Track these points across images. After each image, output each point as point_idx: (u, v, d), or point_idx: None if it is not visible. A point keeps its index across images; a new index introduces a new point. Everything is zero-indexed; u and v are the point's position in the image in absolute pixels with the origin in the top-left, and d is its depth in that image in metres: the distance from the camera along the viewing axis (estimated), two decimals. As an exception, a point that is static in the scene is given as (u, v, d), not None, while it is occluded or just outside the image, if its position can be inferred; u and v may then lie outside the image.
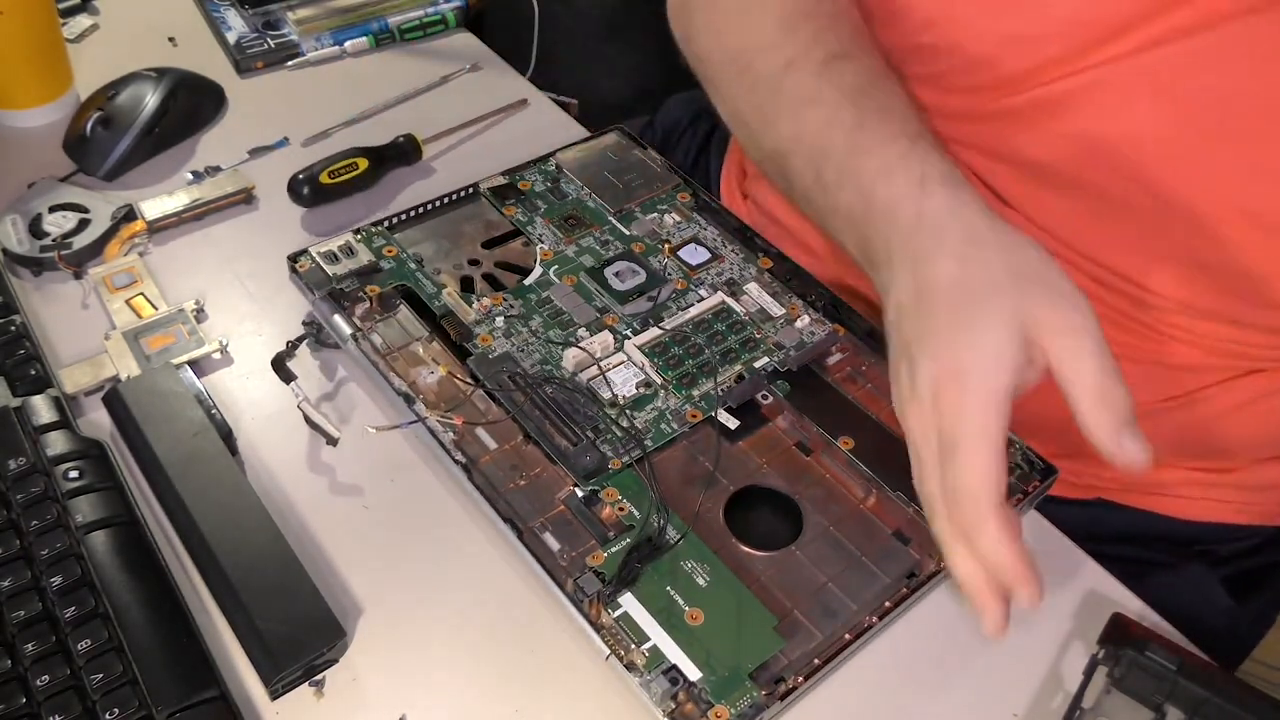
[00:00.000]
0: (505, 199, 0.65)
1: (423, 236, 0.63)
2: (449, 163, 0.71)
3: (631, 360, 0.56)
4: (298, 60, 0.78)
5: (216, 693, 0.42)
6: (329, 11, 0.81)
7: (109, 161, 0.66)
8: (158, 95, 0.68)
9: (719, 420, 0.53)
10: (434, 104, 0.76)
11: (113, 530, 0.46)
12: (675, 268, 0.62)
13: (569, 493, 0.50)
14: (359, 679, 0.45)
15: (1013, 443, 0.53)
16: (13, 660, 0.42)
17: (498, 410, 0.53)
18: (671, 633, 0.44)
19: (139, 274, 0.60)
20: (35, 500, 0.47)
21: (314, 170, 0.64)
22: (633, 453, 0.51)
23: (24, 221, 0.61)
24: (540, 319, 0.58)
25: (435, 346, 0.56)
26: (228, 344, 0.57)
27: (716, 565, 0.47)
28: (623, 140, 0.71)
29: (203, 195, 0.65)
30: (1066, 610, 0.49)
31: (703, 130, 0.85)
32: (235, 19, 0.80)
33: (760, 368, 0.56)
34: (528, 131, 0.74)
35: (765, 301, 0.60)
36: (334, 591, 0.47)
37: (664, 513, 0.49)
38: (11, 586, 0.44)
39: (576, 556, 0.47)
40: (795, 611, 0.46)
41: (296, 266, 0.59)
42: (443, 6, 0.82)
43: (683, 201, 0.66)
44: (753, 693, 0.43)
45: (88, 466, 0.48)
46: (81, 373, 0.54)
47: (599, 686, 0.45)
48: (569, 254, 0.62)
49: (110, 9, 0.81)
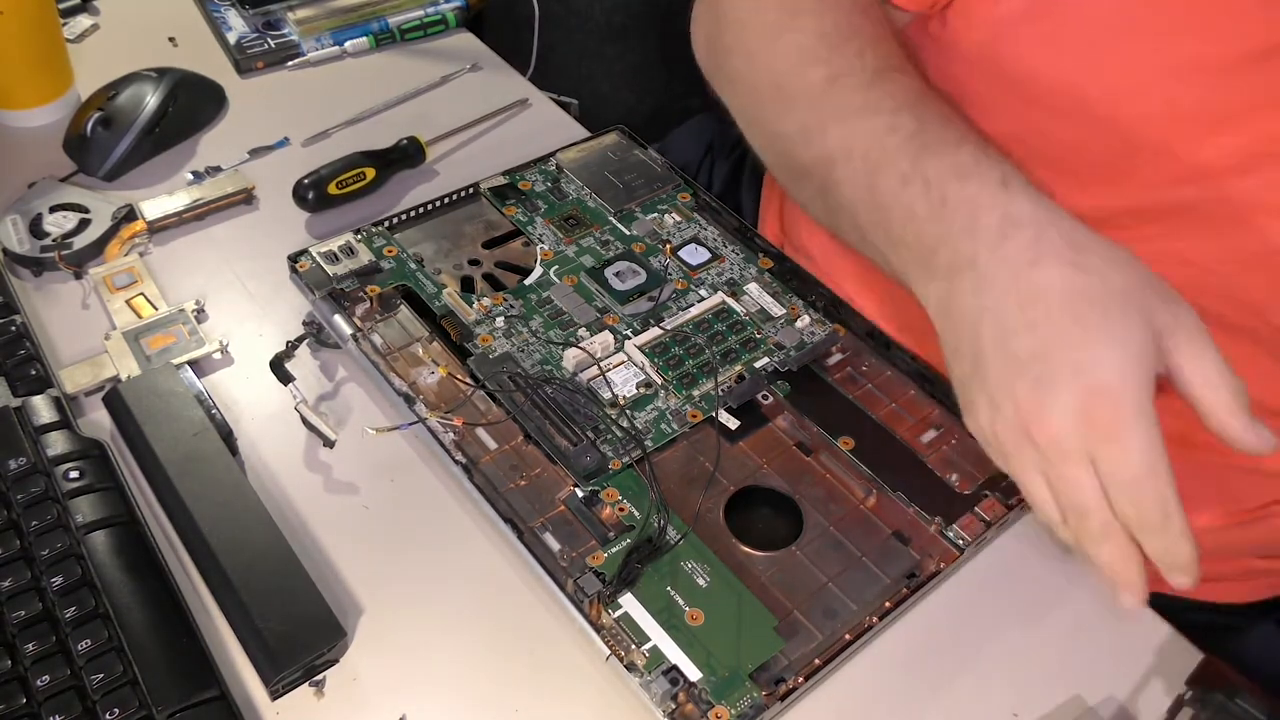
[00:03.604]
0: (505, 199, 0.65)
1: (423, 236, 0.63)
2: (450, 163, 0.71)
3: (632, 360, 0.56)
4: (298, 60, 0.78)
5: (216, 693, 0.42)
6: (329, 11, 0.81)
7: (109, 161, 0.66)
8: (158, 95, 0.68)
9: (719, 420, 0.53)
10: (434, 104, 0.76)
11: (113, 530, 0.46)
12: (675, 268, 0.62)
13: (569, 493, 0.50)
14: (359, 679, 0.45)
15: None
16: (13, 660, 0.42)
17: (498, 410, 0.53)
18: (671, 633, 0.44)
19: (139, 274, 0.60)
20: (35, 500, 0.47)
21: (320, 177, 0.64)
22: (633, 453, 0.51)
23: (24, 221, 0.61)
24: (540, 319, 0.58)
25: (435, 347, 0.56)
26: (228, 344, 0.57)
27: (716, 565, 0.47)
28: (623, 140, 0.71)
29: (203, 195, 0.65)
30: (1068, 618, 0.49)
31: (725, 166, 0.80)
32: (235, 19, 0.80)
33: (760, 368, 0.56)
34: (528, 131, 0.74)
35: (765, 301, 0.60)
36: (334, 591, 0.47)
37: (664, 513, 0.49)
38: (12, 586, 0.44)
39: (576, 557, 0.47)
40: (795, 611, 0.46)
41: (297, 266, 0.59)
42: (443, 6, 0.82)
43: (683, 201, 0.66)
44: (753, 693, 0.43)
45: (88, 466, 0.48)
46: (81, 373, 0.54)
47: (599, 687, 0.45)
48: (569, 254, 0.62)
49: (110, 9, 0.81)
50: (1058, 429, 0.39)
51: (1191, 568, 0.39)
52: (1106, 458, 0.38)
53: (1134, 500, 0.38)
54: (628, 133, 0.71)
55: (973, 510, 0.50)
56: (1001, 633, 0.48)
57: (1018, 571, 0.50)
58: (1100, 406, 0.38)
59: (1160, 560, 0.39)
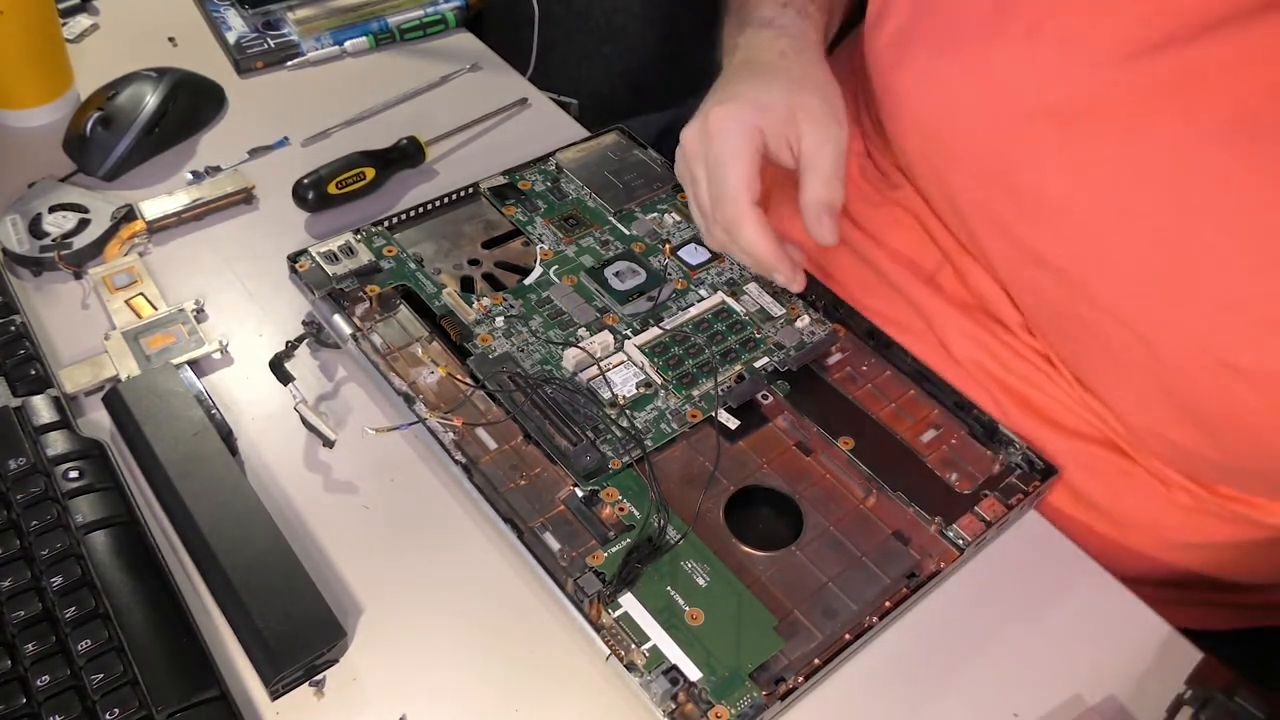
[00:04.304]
0: (505, 199, 0.65)
1: (423, 236, 0.63)
2: (449, 163, 0.71)
3: (631, 360, 0.56)
4: (298, 60, 0.78)
5: (216, 693, 0.42)
6: (329, 11, 0.81)
7: (109, 161, 0.66)
8: (158, 95, 0.68)
9: (719, 420, 0.53)
10: (434, 104, 0.76)
11: (113, 530, 0.46)
12: (675, 268, 0.62)
13: (569, 493, 0.50)
14: (359, 679, 0.45)
15: (1013, 441, 0.53)
16: (13, 660, 0.42)
17: (498, 410, 0.53)
18: (671, 633, 0.44)
19: (139, 274, 0.60)
20: (35, 500, 0.47)
21: (320, 177, 0.64)
22: (633, 453, 0.51)
23: (24, 221, 0.61)
24: (540, 319, 0.58)
25: (435, 347, 0.56)
26: (228, 344, 0.57)
27: (716, 565, 0.47)
28: (623, 140, 0.71)
29: (203, 195, 0.65)
30: (1068, 618, 0.49)
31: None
32: (235, 19, 0.80)
33: (760, 368, 0.56)
34: (528, 131, 0.74)
35: (765, 301, 0.60)
36: (334, 591, 0.47)
37: (664, 513, 0.49)
38: (11, 586, 0.44)
39: (576, 556, 0.47)
40: (795, 611, 0.46)
41: (296, 266, 0.59)
42: (443, 6, 0.82)
43: (683, 201, 0.66)
44: (753, 693, 0.43)
45: (88, 466, 0.48)
46: (81, 373, 0.54)
47: (599, 686, 0.45)
48: (569, 254, 0.62)
49: (110, 9, 0.81)
50: (691, 138, 0.54)
51: (781, 266, 0.52)
52: (713, 174, 0.52)
53: (720, 207, 0.52)
54: (627, 133, 0.71)
55: (973, 510, 0.50)
56: (1001, 632, 0.48)
57: (1018, 571, 0.50)
58: (717, 118, 0.52)
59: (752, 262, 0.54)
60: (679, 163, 0.56)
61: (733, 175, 0.51)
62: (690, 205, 0.56)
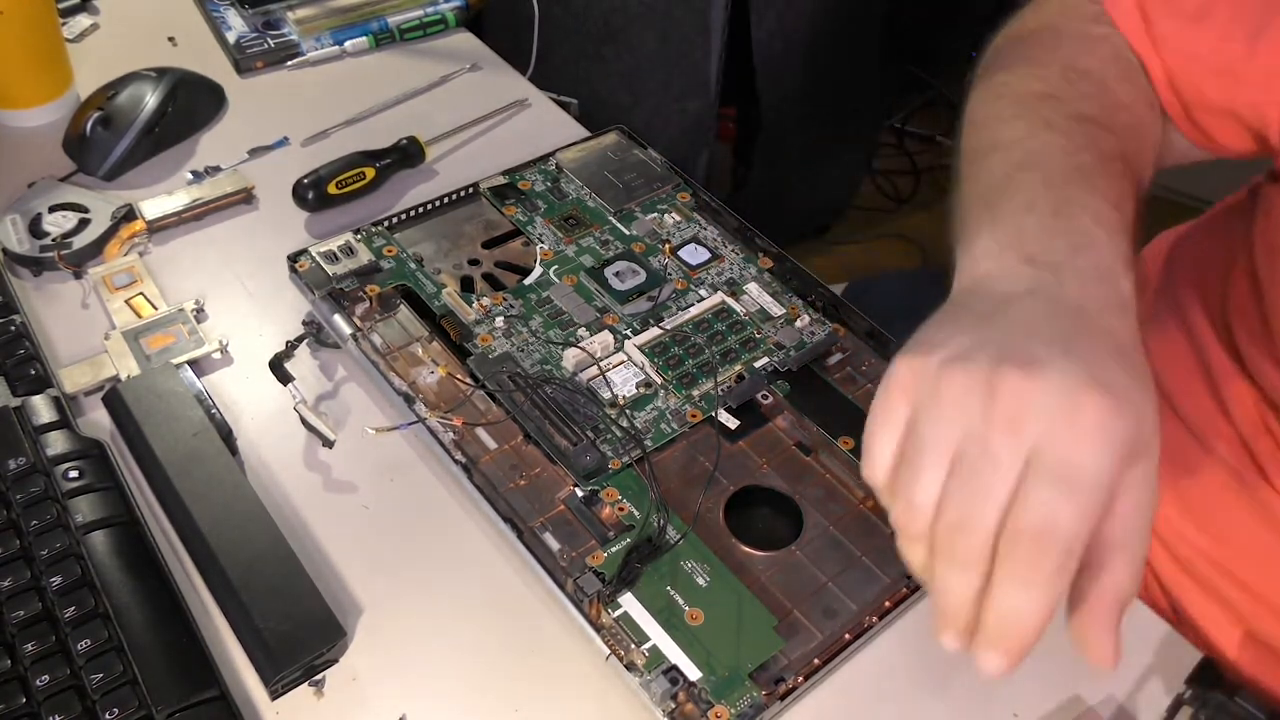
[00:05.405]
0: (505, 199, 0.65)
1: (423, 236, 0.63)
2: (449, 163, 0.71)
3: (631, 360, 0.56)
4: (298, 60, 0.78)
5: (216, 693, 0.42)
6: (329, 11, 0.81)
7: (109, 161, 0.66)
8: (158, 95, 0.68)
9: (719, 420, 0.53)
10: (434, 104, 0.76)
11: (113, 530, 0.46)
12: (675, 268, 0.62)
13: (569, 493, 0.50)
14: (359, 679, 0.45)
15: None
16: (13, 660, 0.42)
17: (498, 410, 0.53)
18: (671, 633, 0.44)
19: (139, 274, 0.60)
20: (35, 500, 0.47)
21: (320, 177, 0.64)
22: (633, 453, 0.51)
23: (24, 221, 0.61)
24: (540, 319, 0.58)
25: (435, 346, 0.56)
26: (228, 344, 0.57)
27: (716, 565, 0.47)
28: (622, 140, 0.71)
29: (203, 195, 0.65)
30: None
31: None
32: (235, 19, 0.80)
33: (760, 368, 0.56)
34: (528, 131, 0.74)
35: (765, 301, 0.60)
36: (334, 591, 0.47)
37: (664, 513, 0.49)
38: (11, 586, 0.44)
39: (576, 556, 0.47)
40: (795, 611, 0.46)
41: (296, 266, 0.59)
42: (443, 6, 0.82)
43: (683, 201, 0.66)
44: (753, 693, 0.43)
45: (87, 466, 0.48)
46: (81, 373, 0.54)
47: (599, 686, 0.45)
48: (569, 254, 0.62)
49: (110, 9, 0.81)
50: (1032, 403, 0.32)
51: (1011, 654, 0.34)
52: (1051, 464, 0.32)
53: (1023, 543, 0.33)
54: (627, 132, 0.71)
55: (972, 510, 0.50)
56: (1001, 632, 0.48)
57: (1017, 571, 0.50)
58: (1089, 414, 0.32)
59: (988, 623, 0.34)
60: (939, 407, 0.34)
61: (1086, 511, 0.32)
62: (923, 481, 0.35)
